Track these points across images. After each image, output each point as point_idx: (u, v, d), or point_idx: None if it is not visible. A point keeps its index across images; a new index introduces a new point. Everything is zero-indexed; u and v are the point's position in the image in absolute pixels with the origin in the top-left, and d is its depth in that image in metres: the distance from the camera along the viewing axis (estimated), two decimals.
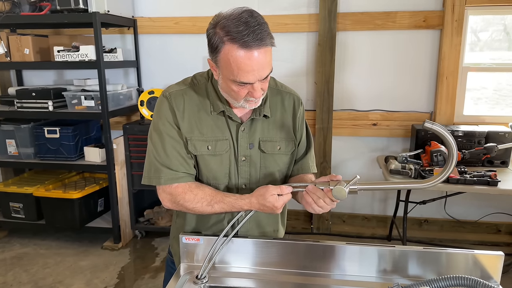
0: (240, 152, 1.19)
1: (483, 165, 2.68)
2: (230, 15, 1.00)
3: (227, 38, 0.99)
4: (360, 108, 3.11)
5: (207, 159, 1.18)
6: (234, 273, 1.22)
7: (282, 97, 1.26)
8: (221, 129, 1.19)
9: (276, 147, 1.23)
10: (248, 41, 0.97)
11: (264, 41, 0.99)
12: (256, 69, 1.01)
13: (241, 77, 1.02)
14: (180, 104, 1.17)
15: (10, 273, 2.76)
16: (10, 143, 3.15)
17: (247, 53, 0.98)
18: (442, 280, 1.02)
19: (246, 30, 0.97)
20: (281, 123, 1.24)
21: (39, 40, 3.09)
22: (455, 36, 2.84)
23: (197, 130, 1.17)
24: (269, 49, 1.03)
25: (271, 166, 1.23)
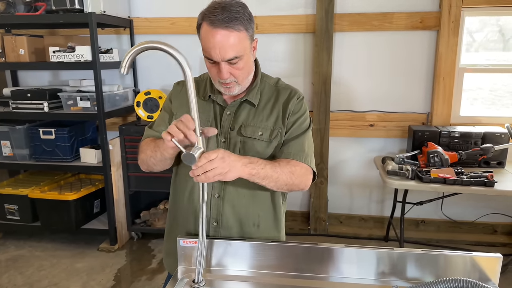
0: (222, 134, 1.25)
1: (479, 166, 2.69)
2: (215, 1, 1.15)
3: (202, 16, 1.14)
4: (357, 109, 3.11)
5: None
6: (231, 276, 1.21)
7: (278, 92, 1.31)
8: (207, 113, 1.28)
9: (257, 132, 1.25)
10: (215, 19, 1.09)
11: (229, 23, 1.09)
12: (218, 47, 1.11)
13: (207, 52, 1.13)
14: (180, 88, 1.35)
15: (5, 276, 2.73)
16: (5, 144, 3.12)
17: (212, 30, 1.10)
18: (440, 282, 1.02)
19: (219, 12, 1.10)
20: (269, 113, 1.28)
21: (34, 41, 3.07)
22: (451, 37, 2.85)
23: (185, 109, 1.20)
24: (235, 33, 1.11)
25: (250, 151, 1.24)
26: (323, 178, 3.20)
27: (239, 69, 1.16)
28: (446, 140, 2.73)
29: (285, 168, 1.20)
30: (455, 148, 2.69)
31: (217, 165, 1.03)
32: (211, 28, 1.10)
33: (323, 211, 3.25)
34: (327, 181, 3.21)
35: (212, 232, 1.28)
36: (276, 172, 1.18)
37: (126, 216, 3.15)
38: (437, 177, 2.37)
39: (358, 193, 3.29)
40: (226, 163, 1.06)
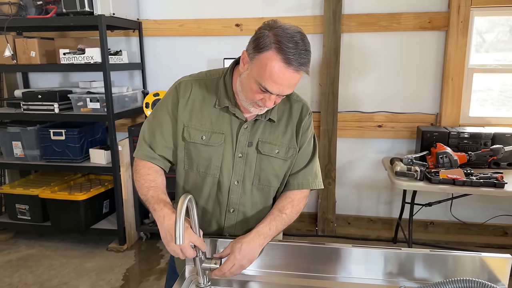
0: (238, 149, 1.22)
1: (489, 167, 2.66)
2: (287, 29, 1.05)
3: (275, 45, 1.03)
4: (365, 109, 3.10)
5: (199, 148, 1.21)
6: (238, 276, 1.21)
7: (291, 104, 1.27)
8: (221, 124, 1.21)
9: (274, 150, 1.23)
10: (292, 59, 1.02)
11: (303, 66, 1.05)
12: (283, 85, 1.07)
13: (268, 84, 1.06)
14: (187, 92, 1.22)
15: (16, 275, 2.77)
16: (16, 145, 3.17)
17: (285, 68, 1.03)
18: (449, 283, 1.01)
19: (295, 50, 1.02)
20: (285, 129, 1.25)
21: (45, 43, 3.12)
22: (460, 37, 2.83)
23: (195, 120, 1.21)
24: (301, 75, 1.08)
25: (266, 169, 1.24)
26: (331, 179, 3.19)
27: (280, 99, 1.15)
28: (455, 141, 2.71)
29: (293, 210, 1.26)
30: (464, 149, 2.67)
31: (242, 265, 1.12)
32: (284, 65, 1.03)
33: (331, 212, 3.25)
34: (335, 182, 3.20)
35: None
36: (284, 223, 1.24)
37: (135, 216, 3.18)
38: (446, 178, 2.35)
39: (366, 194, 3.27)
40: (247, 260, 1.13)
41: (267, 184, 1.26)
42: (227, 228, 1.29)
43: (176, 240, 0.94)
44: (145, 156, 1.23)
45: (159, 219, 1.12)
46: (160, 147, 1.24)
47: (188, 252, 1.06)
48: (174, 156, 1.26)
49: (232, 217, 1.26)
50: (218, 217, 1.28)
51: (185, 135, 1.22)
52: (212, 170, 1.22)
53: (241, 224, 1.28)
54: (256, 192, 1.25)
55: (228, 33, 3.12)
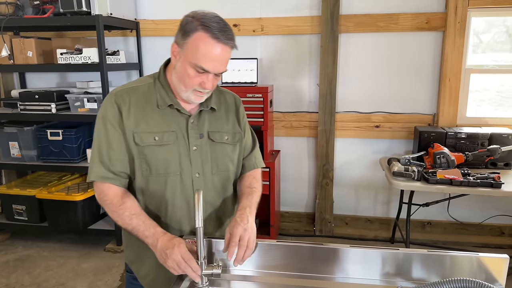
0: (191, 142, 1.25)
1: (486, 167, 2.67)
2: (207, 13, 1.14)
3: (202, 27, 1.11)
4: (363, 110, 3.10)
5: (154, 150, 1.21)
6: (236, 276, 1.21)
7: (223, 95, 1.36)
8: (168, 123, 1.23)
9: (224, 137, 1.30)
10: (219, 34, 1.11)
11: (230, 40, 1.13)
12: (217, 60, 1.13)
13: (203, 62, 1.12)
14: (126, 101, 1.21)
15: (13, 276, 2.76)
16: (13, 146, 3.15)
17: (215, 44, 1.11)
18: (446, 283, 1.01)
19: (219, 26, 1.11)
20: (226, 117, 1.33)
21: (42, 43, 3.11)
22: (458, 38, 2.84)
23: (143, 123, 1.21)
24: (230, 50, 1.15)
25: (221, 155, 1.30)
26: (329, 180, 3.19)
27: (218, 79, 1.21)
28: (453, 141, 2.71)
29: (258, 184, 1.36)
30: (461, 149, 2.68)
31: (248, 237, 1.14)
32: (214, 41, 1.10)
33: (328, 212, 3.25)
34: (332, 183, 3.21)
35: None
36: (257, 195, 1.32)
37: None
38: (443, 178, 2.36)
39: (364, 195, 3.28)
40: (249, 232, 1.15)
41: (225, 170, 1.31)
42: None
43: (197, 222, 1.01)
44: (100, 177, 1.19)
45: (153, 243, 1.12)
46: (115, 162, 1.20)
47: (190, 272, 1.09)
48: (131, 167, 1.23)
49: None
50: (187, 213, 1.27)
51: (137, 141, 1.19)
52: (172, 168, 1.23)
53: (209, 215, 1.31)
54: (217, 179, 1.30)
55: None
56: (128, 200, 1.20)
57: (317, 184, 3.23)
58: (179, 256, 1.06)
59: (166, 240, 1.09)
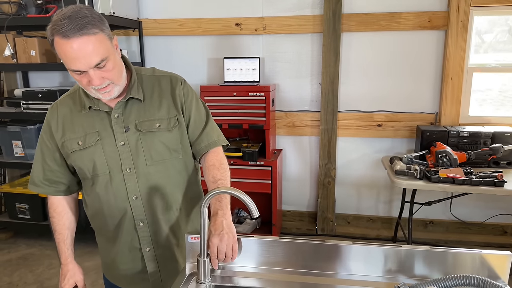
0: (118, 138, 1.22)
1: (489, 166, 2.66)
2: (60, 14, 1.06)
3: (53, 32, 1.05)
4: (365, 109, 3.10)
5: (80, 154, 1.23)
6: (239, 273, 1.22)
7: (158, 80, 1.29)
8: (92, 124, 1.23)
9: (154, 125, 1.24)
10: (66, 31, 1.02)
11: (82, 30, 1.03)
12: (81, 56, 1.05)
13: (70, 64, 1.07)
14: (54, 115, 1.26)
15: (16, 274, 2.77)
16: (16, 144, 3.17)
17: (67, 42, 1.03)
18: (449, 279, 1.02)
19: (67, 23, 1.02)
20: (159, 103, 1.26)
21: (45, 42, 3.11)
22: (460, 37, 2.83)
23: (69, 132, 1.24)
24: (92, 38, 1.05)
25: (154, 144, 1.24)
26: (331, 179, 3.19)
27: (110, 71, 1.12)
28: (455, 140, 2.71)
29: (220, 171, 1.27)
30: (464, 148, 2.68)
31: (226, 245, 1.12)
32: (65, 40, 1.03)
33: (330, 211, 3.25)
34: (334, 182, 3.20)
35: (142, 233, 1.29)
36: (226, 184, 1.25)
37: None
38: (445, 177, 2.36)
39: (366, 194, 3.28)
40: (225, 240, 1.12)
41: (160, 159, 1.25)
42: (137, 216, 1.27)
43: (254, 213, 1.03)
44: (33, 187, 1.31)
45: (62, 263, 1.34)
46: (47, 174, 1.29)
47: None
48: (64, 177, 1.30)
49: (138, 203, 1.25)
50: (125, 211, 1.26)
51: (64, 149, 1.25)
52: (99, 169, 1.23)
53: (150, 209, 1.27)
54: (153, 169, 1.24)
55: (228, 32, 3.13)
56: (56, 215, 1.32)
57: (319, 183, 3.23)
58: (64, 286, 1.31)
59: (63, 268, 1.33)
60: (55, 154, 1.27)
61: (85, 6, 1.10)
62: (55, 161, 1.28)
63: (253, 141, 3.08)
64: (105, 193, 1.25)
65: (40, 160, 1.29)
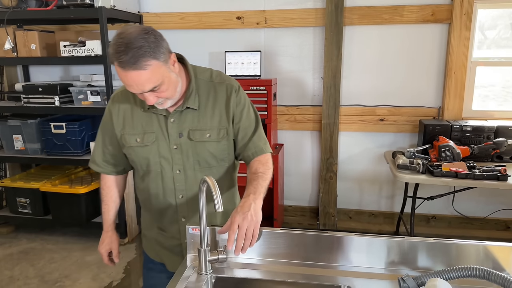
0: (171, 141, 1.29)
1: (492, 160, 2.64)
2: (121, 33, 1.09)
3: (112, 57, 1.09)
4: (367, 103, 3.08)
5: (137, 150, 1.32)
6: (240, 264, 1.21)
7: (214, 87, 1.32)
8: (150, 124, 1.30)
9: (205, 135, 1.30)
10: (123, 62, 1.07)
11: (136, 64, 1.07)
12: (134, 84, 1.11)
13: (126, 87, 1.15)
14: (116, 105, 1.34)
15: (17, 268, 2.77)
16: (17, 139, 3.16)
17: (122, 71, 1.09)
18: (453, 271, 1.00)
19: (123, 52, 1.06)
20: (212, 113, 1.30)
21: (45, 36, 3.10)
22: (463, 30, 2.81)
23: (129, 127, 1.32)
24: (145, 71, 1.09)
25: (202, 153, 1.31)
26: (333, 173, 3.18)
27: (164, 92, 1.17)
28: (458, 134, 2.69)
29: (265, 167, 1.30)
30: (467, 143, 2.66)
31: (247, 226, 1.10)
32: (121, 70, 1.09)
33: (332, 206, 3.24)
34: (336, 176, 3.19)
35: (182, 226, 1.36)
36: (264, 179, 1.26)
37: (136, 210, 3.17)
38: (448, 171, 2.34)
39: (368, 189, 3.26)
40: (248, 220, 1.11)
41: (207, 166, 1.33)
42: (181, 212, 1.35)
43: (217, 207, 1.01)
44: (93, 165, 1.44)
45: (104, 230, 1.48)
46: (106, 156, 1.40)
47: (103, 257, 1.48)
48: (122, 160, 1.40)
49: (183, 201, 1.34)
50: (170, 205, 1.35)
51: (122, 142, 1.33)
52: (152, 166, 1.32)
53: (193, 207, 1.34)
54: (200, 174, 1.31)
55: (229, 26, 3.11)
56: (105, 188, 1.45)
57: (321, 178, 3.22)
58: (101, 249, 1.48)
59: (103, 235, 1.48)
60: (114, 140, 1.36)
61: (143, 30, 1.11)
62: (114, 146, 1.37)
63: None
64: (155, 186, 1.34)
65: (101, 144, 1.40)
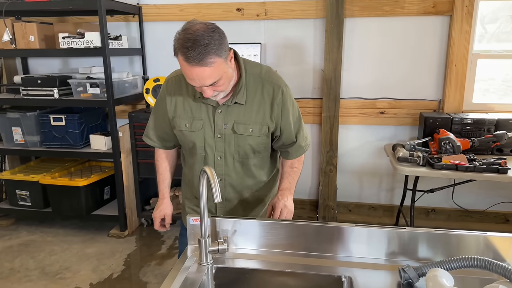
0: (216, 131, 1.39)
1: (492, 153, 2.63)
2: (188, 29, 1.16)
3: (178, 50, 1.17)
4: (368, 96, 3.07)
5: (186, 134, 1.42)
6: (241, 255, 1.21)
7: (262, 84, 1.38)
8: (199, 111, 1.39)
9: (248, 129, 1.38)
10: (190, 58, 1.14)
11: (203, 60, 1.14)
12: (196, 79, 1.19)
13: (188, 79, 1.23)
14: (171, 88, 1.42)
15: (17, 260, 2.78)
16: (16, 131, 3.15)
17: (188, 66, 1.16)
18: (454, 261, 1.00)
19: (191, 47, 1.13)
20: (257, 108, 1.37)
21: (44, 28, 3.08)
22: (465, 23, 2.79)
23: (180, 111, 1.41)
24: (210, 67, 1.16)
25: (243, 145, 1.40)
26: (332, 166, 3.18)
27: (220, 86, 1.25)
28: (458, 127, 2.68)
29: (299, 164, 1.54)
30: (467, 135, 2.65)
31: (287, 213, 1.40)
32: (187, 64, 1.16)
33: (332, 199, 3.24)
34: (336, 169, 3.19)
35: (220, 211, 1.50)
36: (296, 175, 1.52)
37: (136, 202, 3.17)
38: (448, 164, 2.33)
39: (368, 182, 3.26)
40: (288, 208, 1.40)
41: (245, 157, 1.43)
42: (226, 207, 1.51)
43: (215, 197, 1.04)
44: (146, 139, 1.54)
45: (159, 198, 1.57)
46: (158, 132, 1.51)
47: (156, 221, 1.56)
48: (172, 138, 1.50)
49: (222, 184, 1.45)
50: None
51: (173, 124, 1.43)
52: (198, 149, 1.42)
53: (229, 190, 1.47)
54: (238, 164, 1.43)
55: (229, 17, 3.08)
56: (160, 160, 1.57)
57: (321, 171, 3.21)
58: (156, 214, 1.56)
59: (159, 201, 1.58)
60: (166, 120, 1.45)
61: (209, 27, 1.17)
62: (166, 125, 1.46)
63: None
64: (198, 167, 1.45)
65: (154, 120, 1.50)
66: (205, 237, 1.11)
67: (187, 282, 1.07)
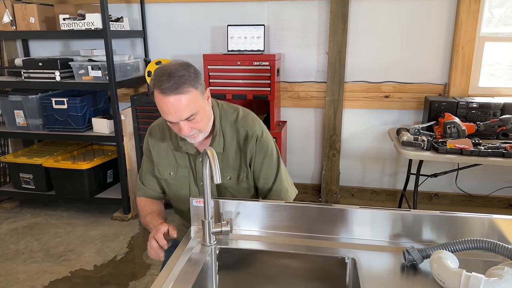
0: (198, 179, 1.41)
1: (497, 137, 2.60)
2: (163, 66, 1.21)
3: (153, 85, 1.19)
4: (372, 79, 3.03)
5: (170, 182, 1.43)
6: (244, 236, 1.21)
7: (237, 131, 1.39)
8: (183, 159, 1.41)
9: (226, 177, 1.39)
10: (165, 88, 1.15)
11: (178, 89, 1.16)
12: (173, 111, 1.18)
13: (164, 116, 1.22)
14: (153, 137, 1.44)
15: (22, 242, 2.80)
16: (18, 114, 3.14)
17: (163, 98, 1.17)
18: (459, 243, 0.99)
19: (166, 80, 1.15)
20: (235, 154, 1.38)
21: (44, 9, 3.04)
22: (473, 4, 2.73)
23: (163, 159, 1.42)
24: (185, 96, 1.17)
25: (224, 191, 1.42)
26: (336, 151, 3.16)
27: (198, 122, 1.24)
28: (464, 111, 2.65)
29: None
30: (473, 120, 2.62)
31: None
32: (162, 96, 1.16)
33: (334, 183, 3.23)
34: (339, 154, 3.17)
35: None
36: None
37: None
38: (453, 148, 2.31)
39: (371, 166, 3.25)
40: None
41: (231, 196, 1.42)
42: None
43: (215, 178, 1.02)
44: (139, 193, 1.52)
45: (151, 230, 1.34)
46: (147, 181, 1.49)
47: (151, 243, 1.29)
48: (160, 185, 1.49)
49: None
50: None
51: (156, 173, 1.45)
52: (182, 196, 1.43)
53: None
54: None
55: None
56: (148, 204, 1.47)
57: (324, 155, 3.20)
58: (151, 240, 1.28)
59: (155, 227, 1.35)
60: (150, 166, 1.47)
61: (184, 63, 1.22)
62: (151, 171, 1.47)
63: (257, 112, 3.03)
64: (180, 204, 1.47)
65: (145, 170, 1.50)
66: (208, 218, 1.11)
67: (191, 263, 1.07)
